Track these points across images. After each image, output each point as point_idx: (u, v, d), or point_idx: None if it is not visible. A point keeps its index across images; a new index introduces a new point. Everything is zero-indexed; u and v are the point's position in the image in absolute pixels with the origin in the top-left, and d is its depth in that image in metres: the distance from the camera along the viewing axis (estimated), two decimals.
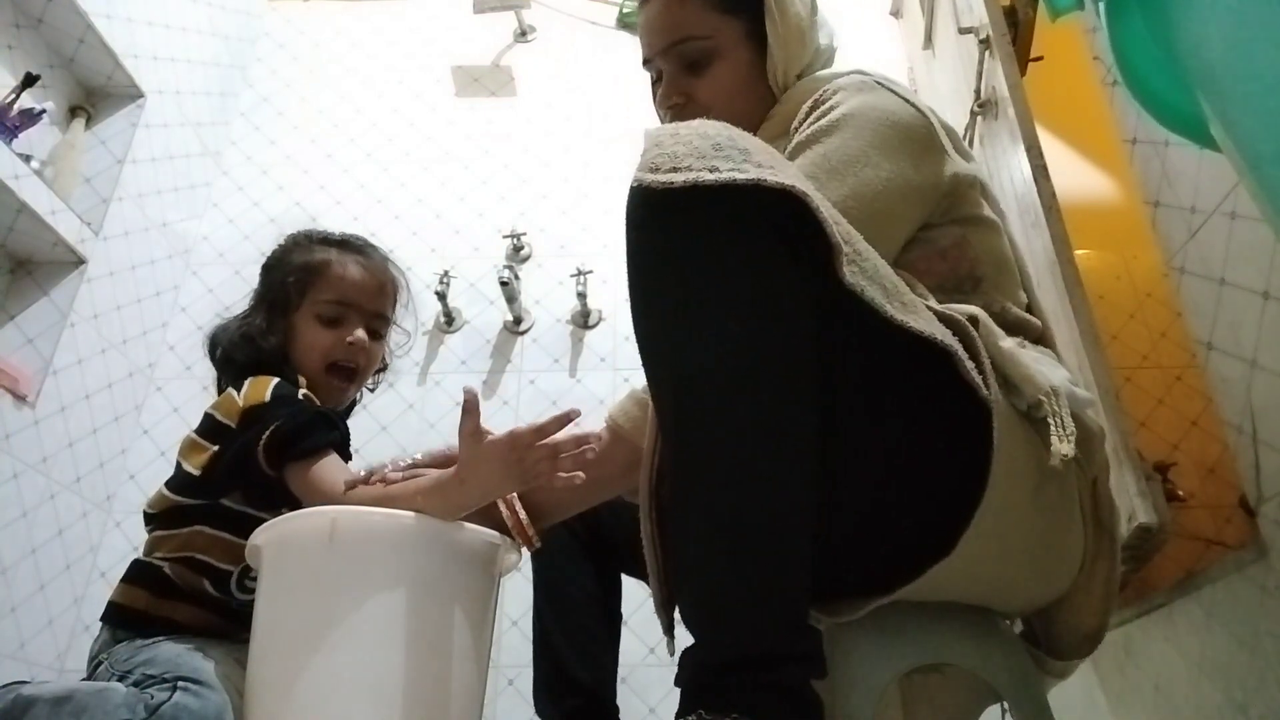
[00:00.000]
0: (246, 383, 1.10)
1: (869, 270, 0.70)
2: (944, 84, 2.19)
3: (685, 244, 0.68)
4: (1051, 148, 1.56)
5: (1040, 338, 0.94)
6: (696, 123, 0.71)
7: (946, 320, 0.76)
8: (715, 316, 0.68)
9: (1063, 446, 0.72)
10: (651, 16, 1.06)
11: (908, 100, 0.92)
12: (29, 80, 1.88)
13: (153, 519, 1.11)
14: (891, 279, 0.73)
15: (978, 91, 1.73)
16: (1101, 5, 0.68)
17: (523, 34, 2.84)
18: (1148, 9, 0.63)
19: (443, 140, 2.64)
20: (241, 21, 2.77)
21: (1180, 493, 1.85)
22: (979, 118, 1.77)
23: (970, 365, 0.73)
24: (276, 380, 1.10)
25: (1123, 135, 1.28)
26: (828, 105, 0.91)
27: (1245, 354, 1.03)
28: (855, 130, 0.87)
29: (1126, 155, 1.28)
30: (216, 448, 1.07)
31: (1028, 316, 0.93)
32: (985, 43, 1.66)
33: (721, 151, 0.67)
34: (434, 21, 2.89)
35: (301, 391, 1.11)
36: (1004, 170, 1.64)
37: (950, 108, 2.11)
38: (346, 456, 1.08)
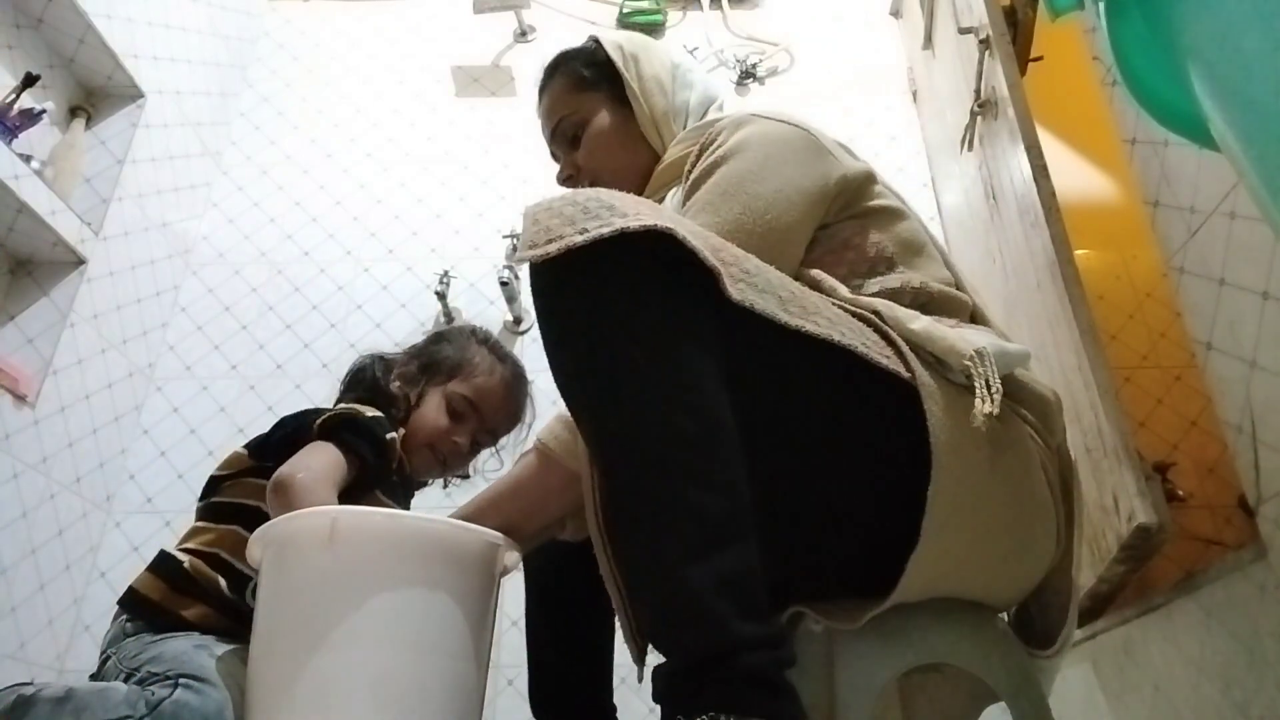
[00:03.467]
0: (356, 406, 1.18)
1: (760, 284, 0.75)
2: (944, 84, 2.20)
3: (575, 302, 0.74)
4: (1051, 148, 1.57)
5: (973, 315, 0.96)
6: (569, 192, 0.78)
7: (860, 317, 0.81)
8: (619, 356, 0.73)
9: (985, 405, 0.74)
10: (538, 118, 1.24)
11: (783, 120, 1.00)
12: (29, 80, 1.88)
13: (213, 488, 1.16)
14: (788, 288, 0.78)
15: (978, 91, 1.73)
16: (1101, 5, 0.68)
17: (523, 34, 2.84)
18: (1148, 9, 0.63)
19: (443, 140, 2.64)
20: (241, 21, 2.77)
21: (1180, 492, 1.86)
22: (979, 118, 1.77)
23: (885, 354, 0.77)
24: (382, 415, 1.18)
25: (1123, 135, 1.28)
26: (715, 144, 1.00)
27: (1245, 354, 1.03)
28: (738, 156, 0.96)
29: (1126, 155, 1.27)
30: None
31: (953, 291, 0.95)
32: (985, 43, 1.66)
33: (589, 213, 0.73)
34: (434, 21, 2.89)
35: (391, 435, 1.17)
36: (1004, 170, 1.64)
37: (950, 108, 2.11)
38: (369, 485, 1.14)
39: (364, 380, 1.28)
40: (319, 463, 1.04)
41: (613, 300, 0.73)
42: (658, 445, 0.71)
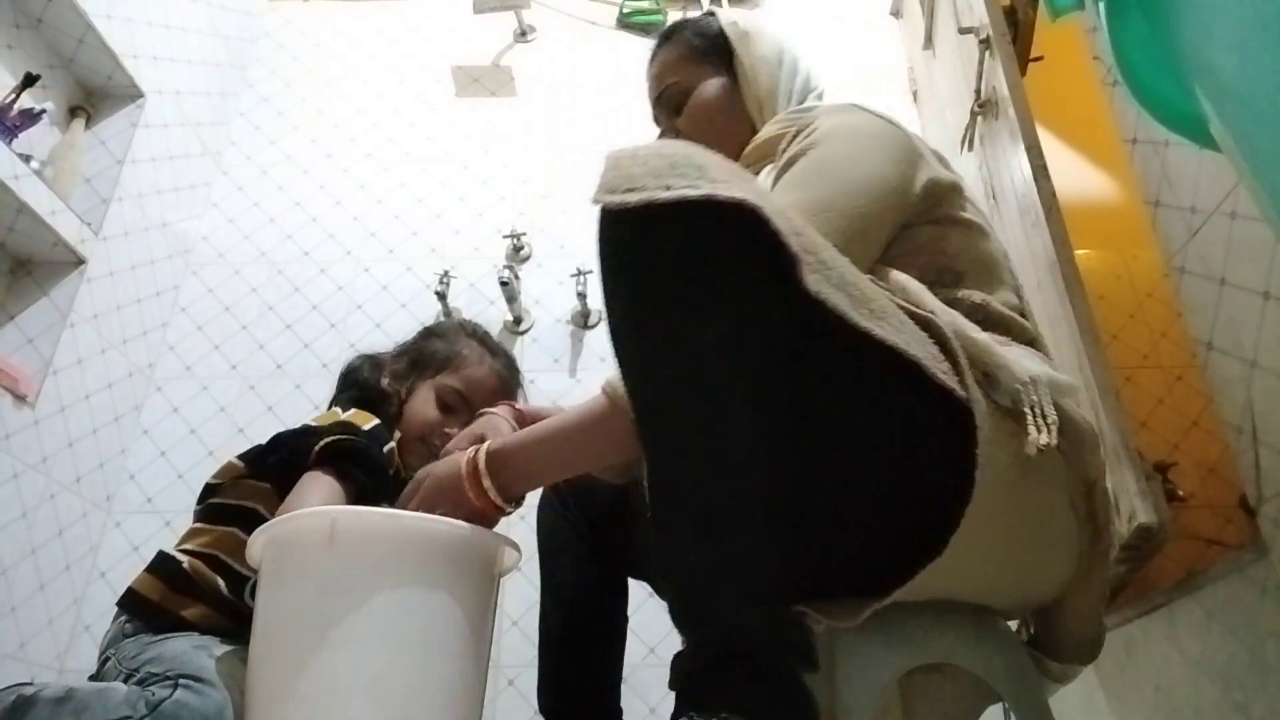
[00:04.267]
0: (353, 410, 1.16)
1: (835, 279, 0.72)
2: (944, 84, 2.19)
3: (645, 259, 0.71)
4: (1051, 148, 1.56)
5: (1032, 342, 0.94)
6: (656, 143, 0.74)
7: (922, 321, 0.78)
8: (676, 325, 0.70)
9: (1041, 436, 0.73)
10: (646, 81, 1.24)
11: (882, 117, 1.00)
12: (29, 80, 1.88)
13: (208, 495, 1.14)
14: (860, 286, 0.74)
15: (978, 91, 1.73)
16: (1101, 5, 0.68)
17: (523, 34, 2.84)
18: (1148, 9, 0.63)
19: (443, 140, 2.64)
20: (241, 21, 2.77)
21: (1180, 492, 1.86)
22: (979, 118, 1.77)
23: (943, 369, 0.74)
24: (379, 421, 1.15)
25: (1123, 135, 1.28)
26: (811, 127, 1.00)
27: (1245, 354, 1.03)
28: (833, 142, 0.95)
29: (1126, 155, 1.28)
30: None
31: (1015, 316, 0.93)
32: (985, 43, 1.66)
33: (677, 169, 0.69)
34: (434, 21, 2.89)
35: (389, 445, 1.16)
36: (1004, 170, 1.64)
37: (950, 108, 2.11)
38: (373, 503, 1.12)
39: (356, 381, 1.28)
40: (318, 500, 1.04)
41: (683, 271, 0.70)
42: (695, 426, 0.69)
